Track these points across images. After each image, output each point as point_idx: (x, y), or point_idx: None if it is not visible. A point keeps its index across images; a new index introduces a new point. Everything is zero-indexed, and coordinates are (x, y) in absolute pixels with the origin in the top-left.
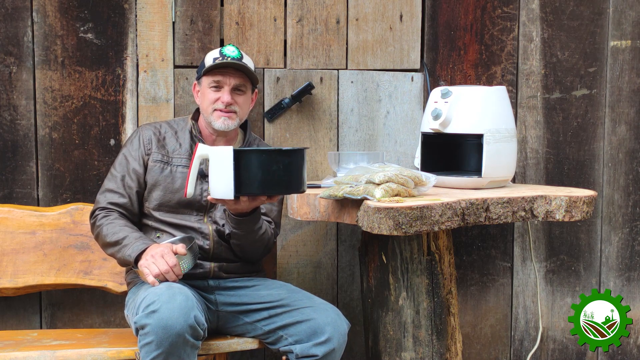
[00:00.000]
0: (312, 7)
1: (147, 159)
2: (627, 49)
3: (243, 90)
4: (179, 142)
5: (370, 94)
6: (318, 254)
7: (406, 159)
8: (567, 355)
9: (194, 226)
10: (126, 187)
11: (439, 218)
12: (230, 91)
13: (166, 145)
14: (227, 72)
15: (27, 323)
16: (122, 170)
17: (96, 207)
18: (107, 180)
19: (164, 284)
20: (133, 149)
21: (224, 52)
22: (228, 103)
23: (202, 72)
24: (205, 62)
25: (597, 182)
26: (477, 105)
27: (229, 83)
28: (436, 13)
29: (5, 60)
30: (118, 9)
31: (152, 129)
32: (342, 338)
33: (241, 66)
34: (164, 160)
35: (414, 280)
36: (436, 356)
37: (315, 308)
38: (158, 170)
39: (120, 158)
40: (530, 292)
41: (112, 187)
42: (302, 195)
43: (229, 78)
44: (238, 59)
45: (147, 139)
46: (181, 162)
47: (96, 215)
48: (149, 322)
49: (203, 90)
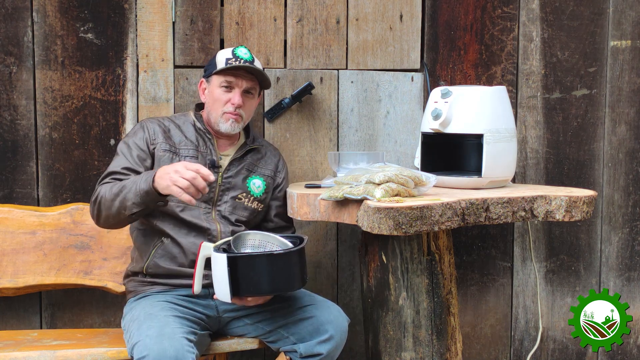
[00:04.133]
0: (312, 7)
1: (154, 148)
2: (627, 49)
3: (252, 94)
4: (184, 134)
5: (370, 94)
6: (318, 254)
7: (406, 159)
8: (567, 355)
9: (202, 225)
10: (131, 170)
11: (439, 218)
12: (241, 93)
13: (172, 137)
14: (239, 74)
15: (27, 323)
16: (126, 157)
17: (96, 187)
18: (110, 166)
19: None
20: (137, 138)
21: (237, 54)
22: (238, 105)
23: (214, 72)
24: (217, 61)
25: (597, 182)
26: (477, 105)
27: (240, 85)
28: (436, 13)
29: (5, 60)
30: (118, 9)
31: (155, 121)
32: (344, 334)
33: (255, 70)
34: (172, 151)
35: (414, 280)
36: (436, 356)
37: (317, 305)
38: (168, 159)
39: (121, 147)
40: (530, 292)
41: (114, 169)
42: (302, 195)
43: (241, 80)
44: (250, 62)
45: (152, 130)
46: (189, 153)
47: (97, 190)
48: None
49: (212, 89)
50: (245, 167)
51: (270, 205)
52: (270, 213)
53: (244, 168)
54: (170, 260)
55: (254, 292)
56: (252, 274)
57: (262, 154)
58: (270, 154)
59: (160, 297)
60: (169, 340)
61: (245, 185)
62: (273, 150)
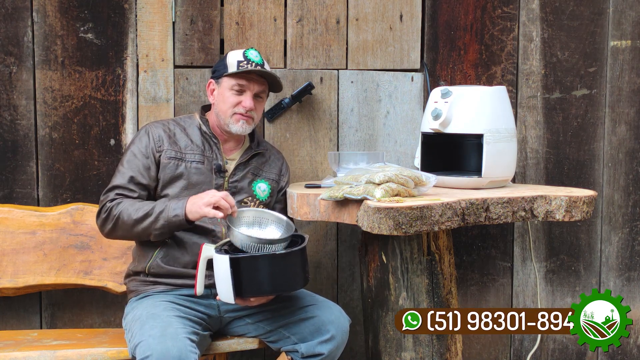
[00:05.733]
0: (312, 7)
1: (159, 155)
2: (627, 49)
3: (262, 97)
4: (190, 138)
5: (370, 94)
6: (318, 254)
7: (406, 159)
8: (567, 355)
9: (207, 227)
10: (136, 184)
11: (439, 218)
12: (252, 97)
13: (178, 142)
14: (251, 77)
15: (27, 323)
16: (131, 168)
17: (104, 202)
18: (115, 178)
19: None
20: (142, 146)
21: (249, 57)
22: (250, 108)
23: (225, 74)
24: (228, 63)
25: (597, 182)
26: (477, 105)
27: (252, 89)
28: (436, 13)
29: (5, 60)
30: (118, 9)
31: (160, 126)
32: (345, 335)
33: (268, 74)
34: (177, 157)
35: (414, 280)
36: (436, 356)
37: (318, 305)
38: (173, 167)
39: (128, 156)
40: (530, 292)
41: (120, 183)
42: (302, 195)
43: (253, 84)
44: (261, 65)
45: (157, 136)
46: (195, 158)
47: (109, 208)
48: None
49: (222, 91)
50: (251, 171)
51: (274, 208)
52: None
53: (249, 172)
54: (173, 260)
55: (257, 293)
56: (255, 274)
57: (266, 157)
58: (274, 157)
59: (162, 297)
60: (172, 340)
61: (251, 189)
62: (277, 154)
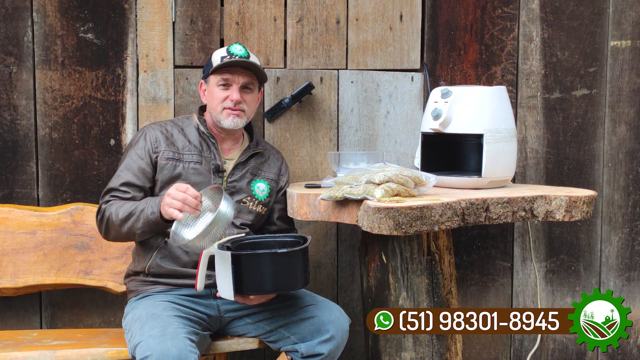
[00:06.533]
0: (312, 7)
1: (156, 157)
2: (627, 49)
3: (251, 89)
4: (187, 139)
5: (370, 94)
6: (318, 254)
7: (406, 159)
8: (567, 355)
9: None
10: (130, 186)
11: (439, 218)
12: (239, 89)
13: (175, 142)
14: (235, 70)
15: (27, 323)
16: (126, 171)
17: (100, 205)
18: (110, 181)
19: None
20: (139, 148)
21: (232, 51)
22: (237, 101)
23: (210, 71)
24: (213, 60)
25: (597, 182)
26: (477, 105)
27: (237, 81)
28: (436, 13)
29: (5, 60)
30: (118, 9)
31: (157, 127)
32: (345, 335)
33: (250, 64)
34: (175, 158)
35: (414, 280)
36: (436, 356)
37: (318, 305)
38: (171, 168)
39: (124, 159)
40: (530, 292)
41: (114, 186)
42: (302, 195)
43: (238, 76)
44: (246, 58)
45: (154, 138)
46: (192, 159)
47: (102, 210)
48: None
49: (211, 88)
50: (250, 171)
51: (273, 208)
52: (272, 216)
53: (248, 172)
54: (173, 260)
55: (257, 290)
56: (256, 272)
57: (265, 157)
58: (274, 157)
59: (162, 296)
60: (172, 340)
61: (250, 189)
62: (276, 154)
